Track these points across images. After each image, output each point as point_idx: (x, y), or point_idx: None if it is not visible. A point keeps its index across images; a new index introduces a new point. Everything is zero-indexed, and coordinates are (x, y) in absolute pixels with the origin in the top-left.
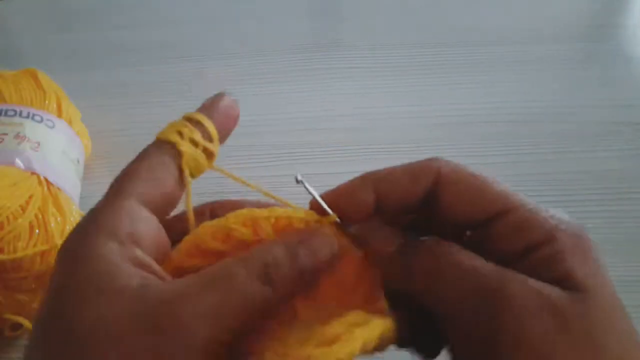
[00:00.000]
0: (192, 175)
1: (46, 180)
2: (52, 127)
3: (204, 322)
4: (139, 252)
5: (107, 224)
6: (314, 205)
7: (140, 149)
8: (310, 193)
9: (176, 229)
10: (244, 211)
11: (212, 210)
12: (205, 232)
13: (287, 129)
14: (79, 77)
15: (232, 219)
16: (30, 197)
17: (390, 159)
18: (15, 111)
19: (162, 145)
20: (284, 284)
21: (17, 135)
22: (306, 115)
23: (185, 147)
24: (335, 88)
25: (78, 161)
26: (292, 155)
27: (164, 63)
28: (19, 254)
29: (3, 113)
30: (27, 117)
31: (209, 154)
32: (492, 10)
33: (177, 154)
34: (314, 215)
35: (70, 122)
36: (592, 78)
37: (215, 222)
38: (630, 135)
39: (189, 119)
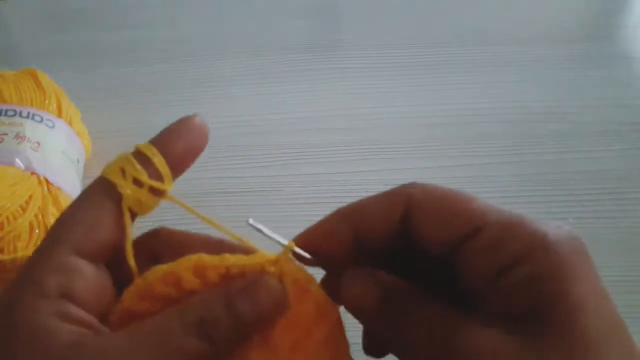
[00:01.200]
0: (139, 214)
1: (46, 180)
2: (52, 127)
3: None
4: (71, 307)
5: (35, 279)
6: (300, 242)
7: None
8: (266, 235)
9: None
10: (194, 257)
11: (152, 249)
12: (155, 277)
13: (287, 129)
14: (79, 77)
15: (183, 264)
16: (30, 197)
17: (389, 159)
18: (15, 111)
19: (104, 184)
20: (223, 339)
21: (17, 135)
22: (306, 115)
23: (126, 188)
24: (335, 88)
25: (78, 161)
26: (291, 155)
27: (164, 63)
28: (19, 254)
29: (3, 113)
30: (27, 117)
31: (159, 192)
32: (492, 10)
33: (119, 195)
34: (269, 258)
35: (70, 122)
36: (592, 78)
37: (166, 267)
38: (630, 135)
39: (138, 153)
